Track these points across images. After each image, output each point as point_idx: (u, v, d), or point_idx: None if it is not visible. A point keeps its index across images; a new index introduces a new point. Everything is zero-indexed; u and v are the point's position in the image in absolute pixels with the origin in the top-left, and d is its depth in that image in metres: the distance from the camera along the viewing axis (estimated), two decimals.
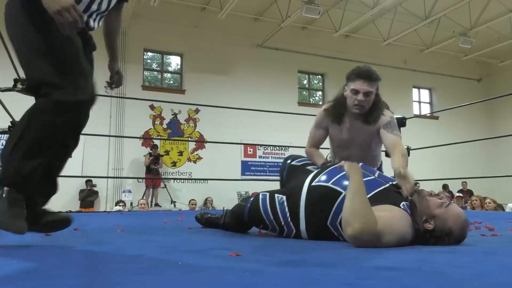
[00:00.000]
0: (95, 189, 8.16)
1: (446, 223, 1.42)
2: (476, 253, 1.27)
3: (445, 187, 9.90)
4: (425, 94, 12.49)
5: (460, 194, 7.19)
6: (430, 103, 12.51)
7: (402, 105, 11.13)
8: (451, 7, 9.10)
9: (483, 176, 9.74)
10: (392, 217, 1.41)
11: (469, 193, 9.36)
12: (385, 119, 2.03)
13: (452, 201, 1.77)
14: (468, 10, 9.50)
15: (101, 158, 8.34)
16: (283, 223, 1.72)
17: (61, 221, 1.45)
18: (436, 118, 11.77)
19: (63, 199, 7.78)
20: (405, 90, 11.82)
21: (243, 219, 1.84)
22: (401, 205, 1.51)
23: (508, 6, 9.48)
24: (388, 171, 1.97)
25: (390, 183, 1.65)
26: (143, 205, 6.00)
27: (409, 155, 3.92)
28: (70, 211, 5.87)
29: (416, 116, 10.37)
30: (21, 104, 1.70)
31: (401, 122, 4.02)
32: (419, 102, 12.37)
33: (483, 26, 10.06)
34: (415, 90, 12.26)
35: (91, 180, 8.00)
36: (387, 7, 9.29)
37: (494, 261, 1.14)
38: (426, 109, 12.39)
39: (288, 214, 1.70)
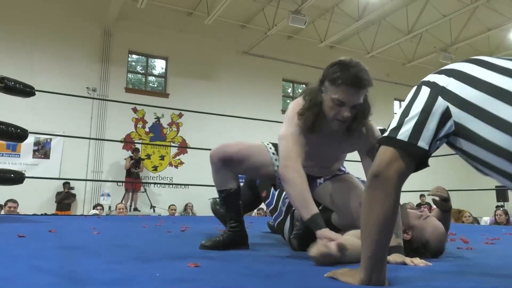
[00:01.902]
0: (72, 191, 7.98)
1: (424, 234, 1.43)
2: (454, 271, 1.29)
3: (422, 195, 10.08)
4: None
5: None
6: None
7: (383, 117, 11.28)
8: (433, 23, 9.35)
9: (460, 189, 9.95)
10: None
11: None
12: (374, 135, 1.56)
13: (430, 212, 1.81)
14: (449, 27, 9.77)
15: (80, 160, 8.17)
16: (280, 204, 1.86)
17: None
18: None
19: (39, 201, 7.58)
20: (387, 102, 12.04)
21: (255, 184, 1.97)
22: None
23: (487, 25, 9.80)
24: None
25: None
26: (121, 210, 5.86)
27: None
28: (45, 214, 5.73)
29: None
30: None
31: (382, 133, 4.09)
32: None
33: (463, 43, 10.36)
34: (396, 103, 12.49)
35: (68, 183, 7.83)
36: (372, 20, 9.47)
37: (472, 279, 1.16)
38: None
39: (287, 202, 1.84)
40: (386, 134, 0.99)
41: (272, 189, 1.95)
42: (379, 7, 8.70)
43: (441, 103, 0.91)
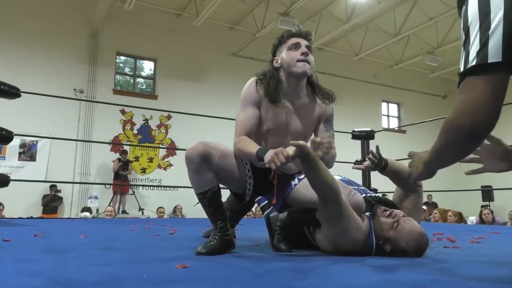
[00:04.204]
0: (59, 194, 7.87)
1: (399, 244, 1.47)
2: (441, 270, 1.30)
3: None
4: (393, 108, 12.89)
5: (424, 207, 7.41)
6: (398, 117, 12.90)
7: (371, 118, 11.44)
8: (420, 25, 9.48)
9: (446, 190, 10.08)
10: (355, 225, 1.49)
11: (434, 205, 9.69)
12: (329, 109, 1.73)
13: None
14: (435, 30, 9.92)
15: (67, 162, 8.07)
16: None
17: None
18: (404, 132, 12.14)
19: (25, 203, 7.46)
20: (375, 104, 12.16)
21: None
22: (366, 214, 1.57)
23: None
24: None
25: (365, 194, 1.72)
26: (109, 212, 5.80)
27: None
28: (31, 217, 5.64)
29: (384, 129, 10.66)
30: None
31: (370, 135, 4.12)
32: (388, 116, 12.74)
33: (449, 46, 10.52)
34: (384, 104, 12.62)
35: (55, 185, 7.72)
36: (359, 23, 9.56)
37: (459, 280, 1.18)
38: (394, 123, 12.77)
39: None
40: (473, 61, 0.80)
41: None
42: (367, 10, 8.79)
43: None
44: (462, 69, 0.82)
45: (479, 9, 0.80)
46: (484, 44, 0.77)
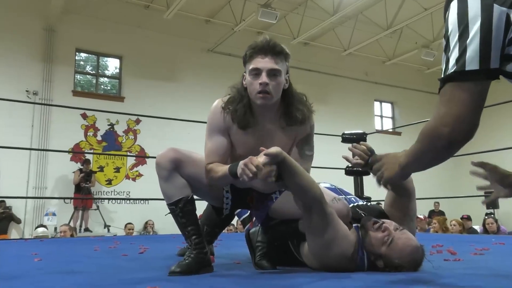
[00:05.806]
0: (9, 211, 7.69)
1: (393, 261, 1.50)
2: (440, 286, 1.31)
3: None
4: (387, 108, 13.10)
5: (421, 216, 7.51)
6: (392, 117, 13.12)
7: (363, 119, 11.59)
8: (413, 17, 9.67)
9: (445, 197, 10.30)
10: (341, 235, 1.52)
11: (441, 214, 9.91)
12: (303, 130, 1.71)
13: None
14: (430, 22, 10.15)
15: (19, 174, 7.89)
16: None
17: None
18: (399, 134, 12.35)
19: None
20: (367, 103, 12.33)
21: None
22: (354, 226, 1.59)
23: None
24: None
25: (352, 204, 1.74)
26: (63, 232, 5.44)
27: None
28: None
29: (377, 131, 10.80)
30: None
31: (361, 138, 4.16)
32: (381, 116, 12.94)
33: None
34: (376, 104, 12.81)
35: (4, 201, 7.56)
36: (348, 14, 9.70)
37: None
38: (388, 124, 12.97)
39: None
40: (452, 68, 0.94)
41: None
42: (356, 1, 8.93)
43: (499, 12, 0.88)
44: (442, 75, 0.97)
45: (458, 19, 0.93)
46: (462, 52, 0.91)
